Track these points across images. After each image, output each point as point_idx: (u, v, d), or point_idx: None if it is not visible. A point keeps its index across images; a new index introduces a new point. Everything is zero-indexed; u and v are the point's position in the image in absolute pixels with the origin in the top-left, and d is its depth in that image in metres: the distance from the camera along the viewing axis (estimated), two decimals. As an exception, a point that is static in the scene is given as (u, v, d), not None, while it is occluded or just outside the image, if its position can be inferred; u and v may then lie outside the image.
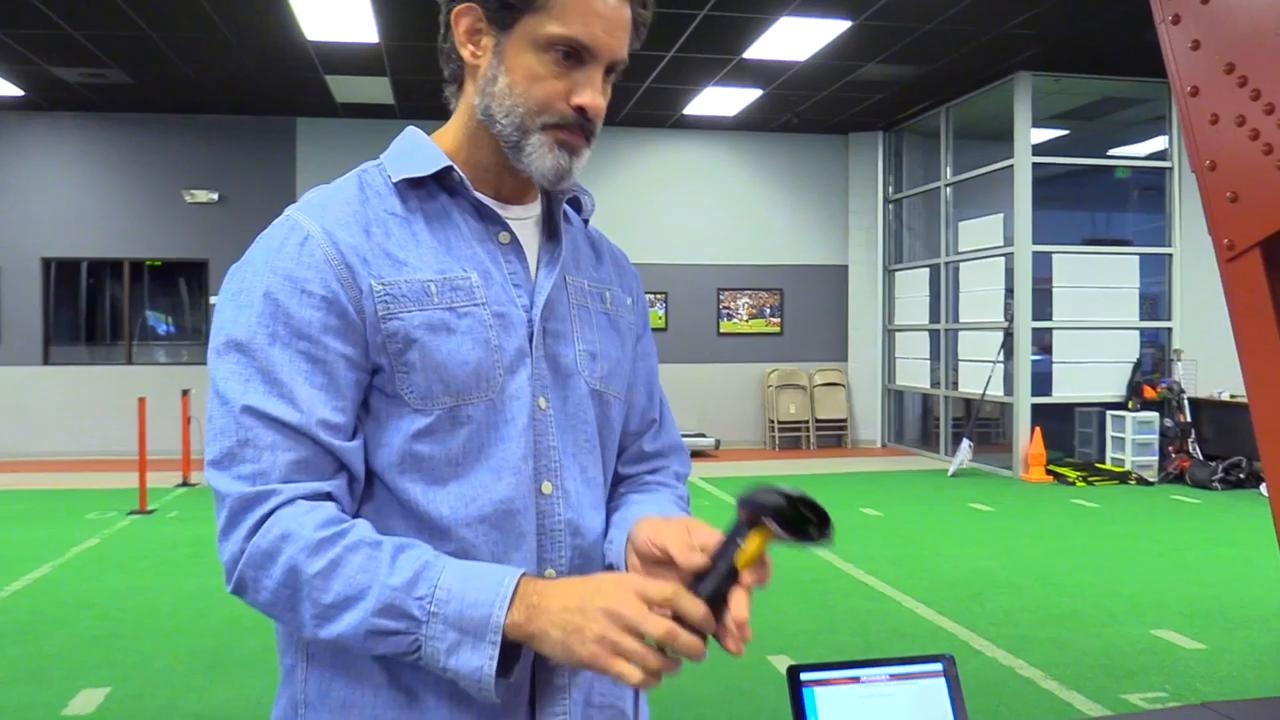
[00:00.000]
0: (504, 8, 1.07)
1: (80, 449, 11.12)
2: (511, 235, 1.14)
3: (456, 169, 1.12)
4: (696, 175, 12.36)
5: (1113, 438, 9.90)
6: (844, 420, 12.56)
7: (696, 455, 10.82)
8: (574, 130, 1.09)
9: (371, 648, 0.98)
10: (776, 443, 12.30)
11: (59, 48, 8.71)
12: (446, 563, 0.98)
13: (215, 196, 11.40)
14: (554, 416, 1.13)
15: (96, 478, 9.73)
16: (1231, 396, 9.41)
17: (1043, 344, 10.28)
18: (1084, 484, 9.45)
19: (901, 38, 8.56)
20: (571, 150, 1.10)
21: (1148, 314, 10.45)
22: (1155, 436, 9.66)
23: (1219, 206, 2.47)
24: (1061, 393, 10.22)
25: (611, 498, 1.23)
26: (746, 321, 12.53)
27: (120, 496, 8.43)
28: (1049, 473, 9.76)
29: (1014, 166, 9.96)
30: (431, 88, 1.52)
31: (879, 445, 12.60)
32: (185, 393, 9.34)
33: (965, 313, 11.06)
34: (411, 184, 1.12)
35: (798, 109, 11.17)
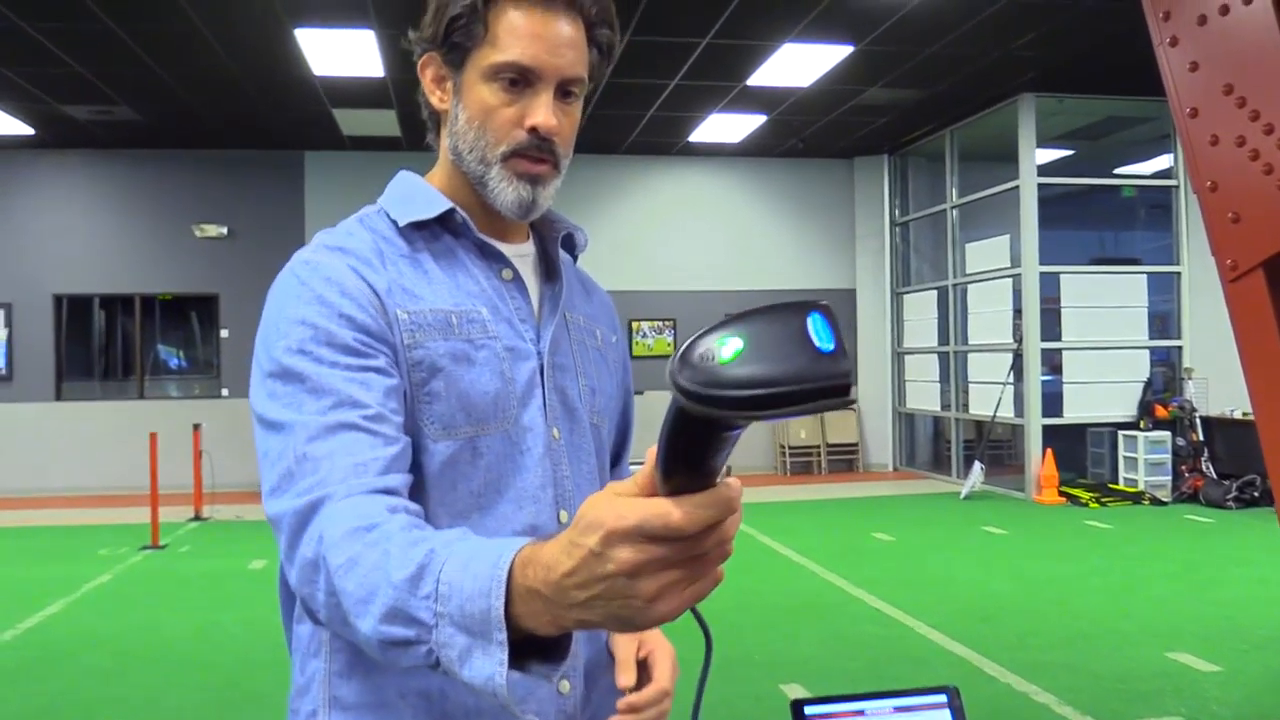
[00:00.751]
0: (454, 49, 1.11)
1: (93, 484, 11.14)
2: (515, 272, 1.17)
3: (459, 210, 1.14)
4: (703, 202, 12.41)
5: (1125, 458, 9.85)
6: (855, 444, 12.53)
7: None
8: (534, 158, 1.11)
9: (396, 662, 0.83)
10: (787, 468, 12.26)
11: (68, 86, 8.82)
12: (455, 548, 0.79)
13: (225, 230, 11.48)
14: (566, 447, 1.16)
15: (109, 513, 9.74)
16: (1244, 415, 9.35)
17: (1053, 364, 10.25)
18: (1097, 505, 9.39)
19: (904, 62, 8.61)
20: (534, 180, 1.12)
21: (1158, 332, 10.42)
22: (1168, 456, 9.61)
23: (1221, 227, 2.46)
24: (1073, 413, 10.17)
25: None
26: (755, 346, 12.50)
27: (133, 532, 8.43)
28: (1062, 494, 9.70)
29: (1019, 188, 9.98)
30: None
31: (891, 469, 12.55)
32: (197, 427, 9.36)
33: (974, 334, 11.05)
34: (416, 226, 1.14)
35: (802, 134, 11.22)
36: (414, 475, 1.03)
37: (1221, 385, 9.71)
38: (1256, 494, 8.98)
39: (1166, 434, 9.64)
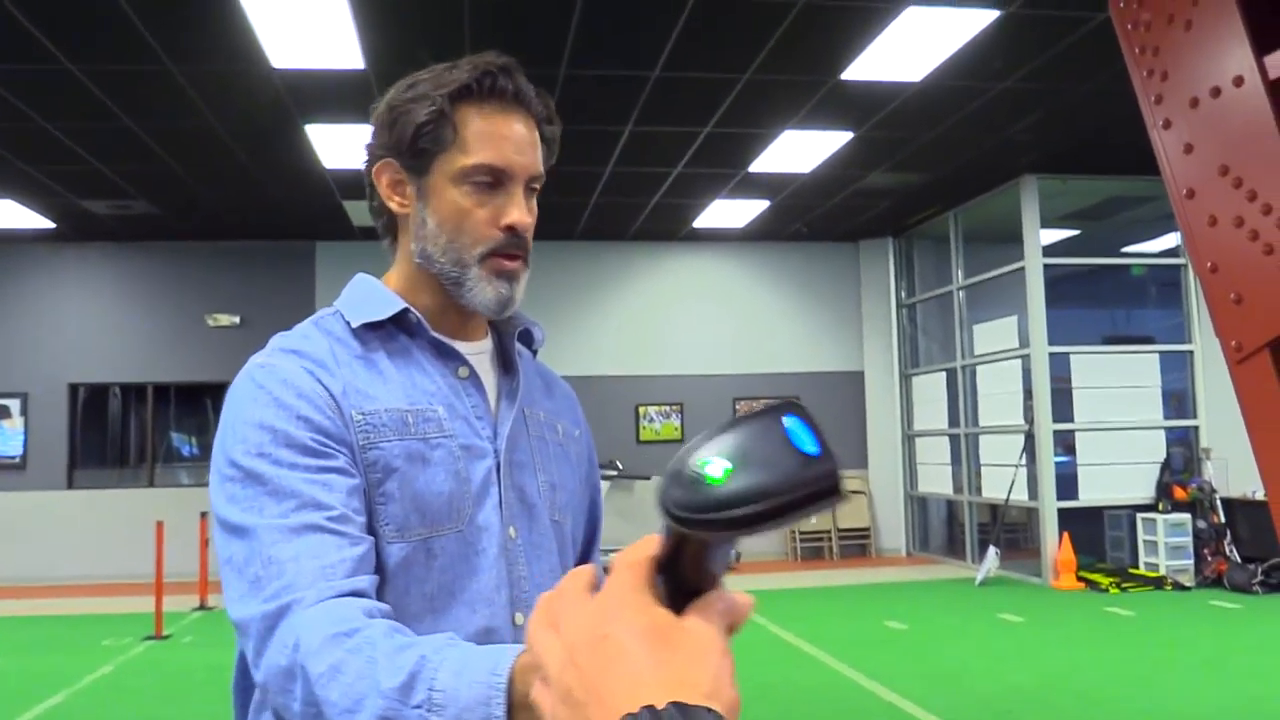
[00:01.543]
0: (416, 154, 1.12)
1: (101, 572, 11.06)
2: (470, 370, 1.17)
3: (413, 311, 1.15)
4: (709, 286, 12.48)
5: (1145, 541, 9.64)
6: (867, 529, 12.35)
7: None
8: (510, 255, 1.13)
9: None
10: (798, 554, 12.08)
11: (88, 182, 9.01)
12: (446, 654, 0.81)
13: (237, 319, 11.60)
14: (523, 546, 1.14)
15: (115, 602, 9.64)
16: (1265, 496, 9.18)
17: (1066, 445, 10.13)
18: (1117, 590, 9.18)
19: (903, 147, 8.72)
20: (510, 277, 1.14)
21: (1173, 411, 10.30)
22: (1189, 539, 9.40)
23: (1224, 308, 2.44)
24: (1088, 495, 10.02)
25: None
26: (765, 430, 12.44)
27: (137, 621, 8.32)
28: (1080, 579, 9.49)
29: (1025, 268, 10.00)
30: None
31: (904, 554, 12.34)
32: (204, 515, 9.30)
33: (985, 416, 10.96)
34: (370, 326, 1.15)
35: (806, 218, 11.33)
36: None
37: (1241, 465, 9.56)
38: (1282, 577, 8.78)
39: (1186, 516, 9.45)
